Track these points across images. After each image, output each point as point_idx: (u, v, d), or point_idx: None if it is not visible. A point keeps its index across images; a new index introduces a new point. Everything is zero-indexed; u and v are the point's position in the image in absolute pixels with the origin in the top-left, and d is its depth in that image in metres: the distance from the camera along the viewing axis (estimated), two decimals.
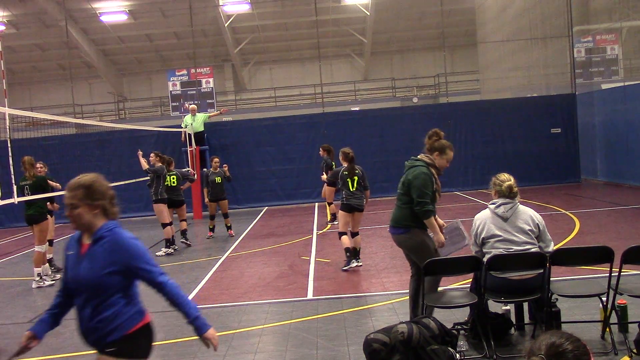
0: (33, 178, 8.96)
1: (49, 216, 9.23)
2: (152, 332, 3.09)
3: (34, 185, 8.90)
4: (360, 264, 8.34)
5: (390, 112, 19.06)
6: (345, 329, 5.73)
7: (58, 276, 9.25)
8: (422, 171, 5.26)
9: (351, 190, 8.31)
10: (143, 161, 10.85)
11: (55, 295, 3.20)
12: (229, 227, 12.39)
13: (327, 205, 13.33)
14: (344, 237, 8.31)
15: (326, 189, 12.79)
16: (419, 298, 5.10)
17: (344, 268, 8.21)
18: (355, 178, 8.35)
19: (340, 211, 8.45)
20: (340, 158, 8.53)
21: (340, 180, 8.44)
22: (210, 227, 12.41)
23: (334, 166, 12.48)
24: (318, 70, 19.93)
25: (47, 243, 9.28)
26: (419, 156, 5.48)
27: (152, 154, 11.07)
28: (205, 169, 13.20)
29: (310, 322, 6.02)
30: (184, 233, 11.74)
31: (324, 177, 12.46)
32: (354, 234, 8.46)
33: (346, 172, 8.39)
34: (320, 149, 13.11)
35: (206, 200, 12.43)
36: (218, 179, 12.03)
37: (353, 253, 8.32)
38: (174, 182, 11.24)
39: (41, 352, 5.75)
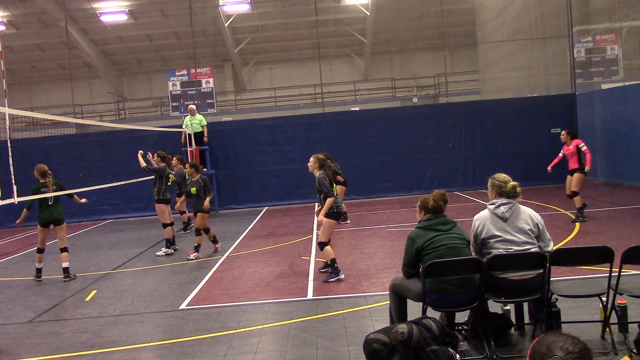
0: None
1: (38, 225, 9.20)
2: None
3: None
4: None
5: (390, 112, 19.03)
6: (345, 329, 5.73)
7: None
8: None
9: (336, 196, 7.96)
10: (142, 160, 10.85)
11: None
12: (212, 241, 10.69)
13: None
14: (329, 248, 7.78)
15: (337, 189, 12.76)
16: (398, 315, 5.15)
17: (330, 280, 7.66)
18: (334, 184, 8.06)
19: (330, 220, 7.79)
20: (317, 165, 7.97)
21: (329, 187, 7.85)
22: (211, 239, 10.70)
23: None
24: (318, 70, 19.92)
25: (37, 250, 9.21)
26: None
27: (155, 154, 11.12)
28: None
29: (310, 322, 6.02)
30: (186, 224, 11.95)
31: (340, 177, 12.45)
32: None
33: (330, 179, 7.95)
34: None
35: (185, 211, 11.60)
36: (194, 190, 10.18)
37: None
38: (169, 182, 11.26)
39: (41, 352, 5.76)
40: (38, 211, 9.13)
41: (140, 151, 11.08)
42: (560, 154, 11.56)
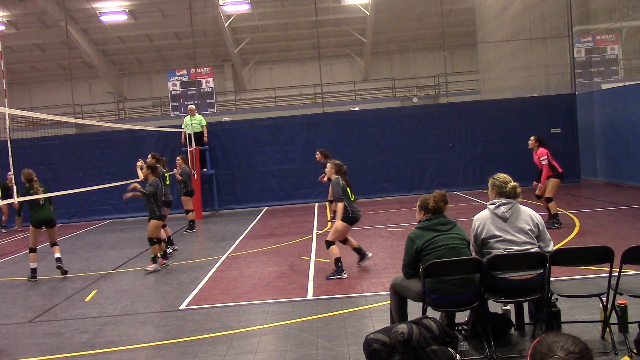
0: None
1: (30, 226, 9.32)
2: None
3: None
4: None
5: (390, 112, 19.03)
6: (345, 329, 5.72)
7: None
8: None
9: (352, 199, 8.04)
10: (140, 172, 10.86)
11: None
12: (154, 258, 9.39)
13: (329, 204, 13.31)
14: (334, 247, 7.95)
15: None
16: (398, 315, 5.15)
17: (332, 277, 7.79)
18: (350, 187, 8.11)
19: (342, 223, 7.97)
20: (334, 170, 8.07)
21: (340, 191, 7.95)
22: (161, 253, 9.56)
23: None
24: (318, 70, 19.92)
25: (29, 251, 9.27)
26: None
27: (149, 156, 11.12)
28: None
29: (310, 322, 6.02)
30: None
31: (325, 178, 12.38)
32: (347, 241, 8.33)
33: (344, 182, 8.03)
34: (318, 154, 12.96)
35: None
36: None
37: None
38: (166, 182, 11.30)
39: (41, 352, 5.76)
40: (29, 213, 9.25)
41: (138, 163, 11.01)
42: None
